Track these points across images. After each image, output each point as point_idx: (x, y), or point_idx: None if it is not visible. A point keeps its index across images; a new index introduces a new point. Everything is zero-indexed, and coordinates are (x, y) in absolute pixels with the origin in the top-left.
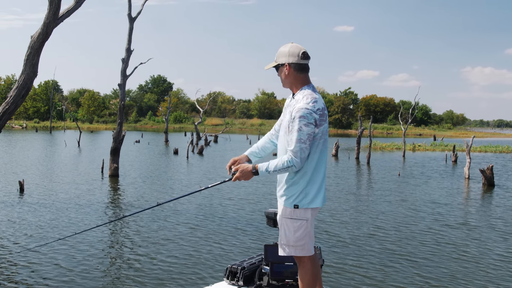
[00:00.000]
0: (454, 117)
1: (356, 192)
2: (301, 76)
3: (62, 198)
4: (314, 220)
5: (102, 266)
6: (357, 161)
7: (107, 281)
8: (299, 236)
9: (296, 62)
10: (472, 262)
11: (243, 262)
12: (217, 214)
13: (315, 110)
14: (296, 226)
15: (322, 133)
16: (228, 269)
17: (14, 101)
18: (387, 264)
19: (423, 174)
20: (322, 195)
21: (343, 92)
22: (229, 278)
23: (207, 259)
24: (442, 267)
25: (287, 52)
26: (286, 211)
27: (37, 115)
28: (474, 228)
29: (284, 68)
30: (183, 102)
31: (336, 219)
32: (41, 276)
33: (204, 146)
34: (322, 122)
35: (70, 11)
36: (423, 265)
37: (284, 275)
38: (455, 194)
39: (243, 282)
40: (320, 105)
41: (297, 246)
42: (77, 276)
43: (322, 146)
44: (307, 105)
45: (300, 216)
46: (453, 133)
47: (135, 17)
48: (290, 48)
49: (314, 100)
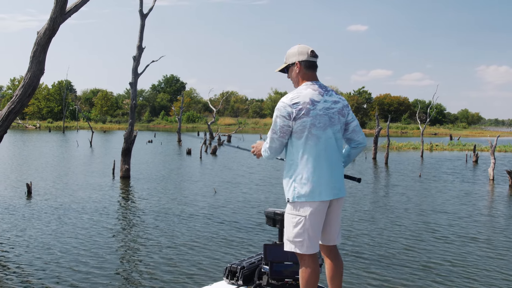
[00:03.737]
0: (469, 116)
1: (376, 194)
2: (308, 74)
3: (69, 202)
4: (334, 218)
5: (101, 266)
6: (374, 161)
7: (105, 280)
8: (297, 232)
9: (306, 60)
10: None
11: (243, 261)
12: (217, 214)
13: (290, 104)
14: (295, 222)
15: (303, 127)
16: (228, 268)
17: (20, 100)
18: (401, 276)
19: (444, 174)
20: (316, 190)
21: (357, 91)
22: (229, 277)
23: (207, 258)
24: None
25: (296, 51)
26: (287, 207)
27: (51, 115)
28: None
29: (295, 66)
30: (196, 102)
31: (356, 221)
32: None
33: (217, 146)
34: (302, 116)
35: (77, 5)
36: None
37: (283, 274)
38: (481, 198)
39: (242, 282)
40: (303, 99)
41: (296, 243)
42: (76, 276)
43: (308, 140)
44: (285, 99)
45: (299, 213)
46: (468, 132)
47: (147, 14)
48: (299, 48)
49: (296, 95)
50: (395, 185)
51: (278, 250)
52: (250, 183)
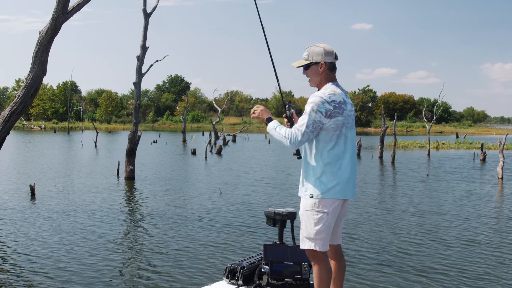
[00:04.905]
0: (475, 114)
1: (383, 194)
2: (331, 75)
3: (73, 203)
4: (342, 217)
5: (103, 265)
6: (380, 160)
7: (104, 279)
8: (319, 229)
9: (331, 61)
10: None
11: (243, 261)
12: (217, 214)
13: (328, 101)
14: (317, 218)
15: (336, 125)
16: (228, 268)
17: (22, 101)
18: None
19: (452, 173)
20: (341, 188)
21: (362, 89)
22: (229, 277)
23: (207, 258)
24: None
25: (322, 51)
26: (307, 204)
27: (56, 116)
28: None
29: (318, 66)
30: (200, 102)
31: (361, 223)
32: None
33: (222, 146)
34: (337, 114)
35: (80, 4)
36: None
37: (283, 274)
38: (491, 199)
39: (242, 282)
40: (338, 98)
41: (317, 240)
42: (74, 275)
43: (337, 138)
44: (323, 94)
45: (322, 209)
46: (474, 130)
47: (150, 13)
48: (325, 48)
49: (332, 92)
50: (402, 185)
51: (278, 250)
52: (254, 183)
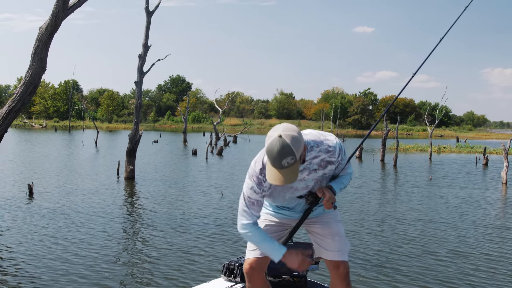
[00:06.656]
0: (475, 118)
1: (386, 198)
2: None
3: (71, 203)
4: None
5: (96, 263)
6: (382, 163)
7: (101, 277)
8: None
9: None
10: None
11: (240, 258)
12: (215, 211)
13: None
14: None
15: None
16: (225, 265)
17: (20, 99)
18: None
19: (455, 178)
20: None
21: (363, 92)
22: (226, 274)
23: (204, 255)
24: None
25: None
26: (337, 216)
27: (57, 115)
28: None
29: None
30: (201, 102)
31: (364, 228)
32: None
33: (223, 147)
34: None
35: (81, 0)
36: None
37: (280, 271)
38: (497, 205)
39: (240, 279)
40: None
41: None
42: (72, 275)
43: None
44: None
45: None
46: (474, 135)
47: (153, 11)
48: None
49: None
50: (406, 189)
51: None
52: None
